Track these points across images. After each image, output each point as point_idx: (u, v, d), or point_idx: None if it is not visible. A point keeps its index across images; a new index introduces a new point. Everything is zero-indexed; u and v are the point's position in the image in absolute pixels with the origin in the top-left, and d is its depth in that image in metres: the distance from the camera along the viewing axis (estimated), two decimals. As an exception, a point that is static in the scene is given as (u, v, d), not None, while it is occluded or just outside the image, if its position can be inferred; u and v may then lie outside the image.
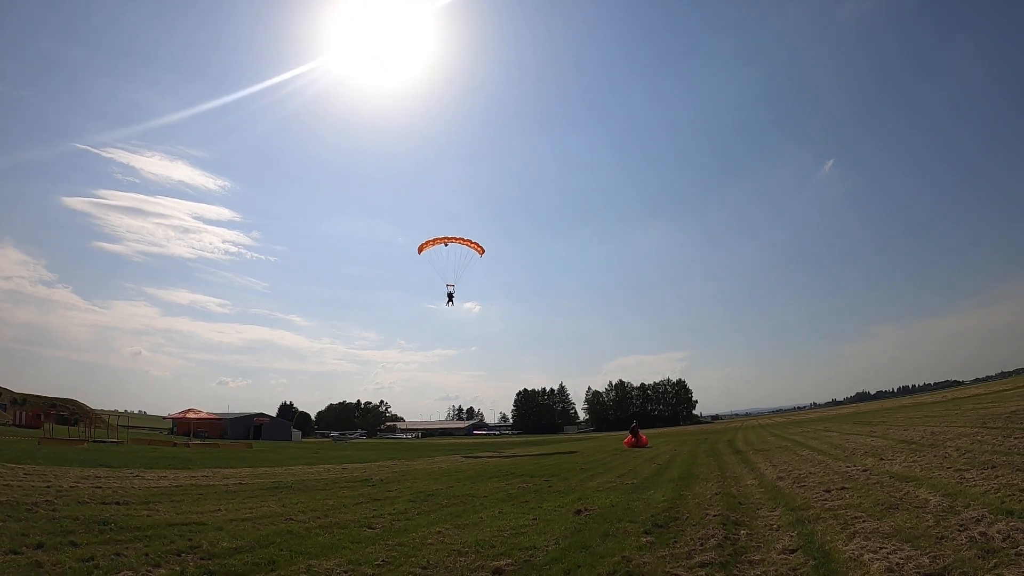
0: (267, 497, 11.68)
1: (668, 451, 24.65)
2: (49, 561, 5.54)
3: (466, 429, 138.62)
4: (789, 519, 7.11)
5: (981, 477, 8.29)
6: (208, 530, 7.63)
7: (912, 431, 18.98)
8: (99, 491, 11.05)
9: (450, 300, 31.84)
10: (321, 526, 8.28)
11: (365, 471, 19.73)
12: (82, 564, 5.56)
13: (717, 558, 5.40)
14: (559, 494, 11.72)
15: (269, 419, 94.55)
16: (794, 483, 10.40)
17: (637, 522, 7.72)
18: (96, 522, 7.65)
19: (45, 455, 18.98)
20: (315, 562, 6.04)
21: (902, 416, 31.37)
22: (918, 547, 5.25)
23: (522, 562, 5.86)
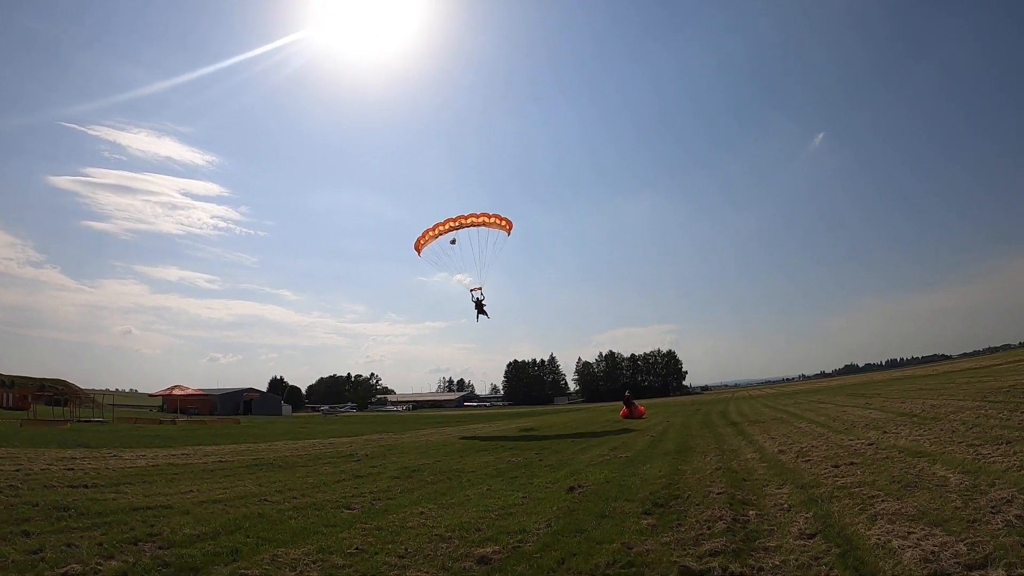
0: (244, 476, 11.26)
1: (660, 422, 24.58)
2: None
3: (457, 401, 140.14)
4: (800, 498, 6.68)
5: (999, 453, 7.94)
6: (173, 514, 7.19)
7: (910, 404, 18.92)
8: (69, 473, 10.58)
9: (481, 311, 24.69)
10: (295, 508, 7.81)
11: (351, 445, 19.37)
12: (29, 557, 5.16)
13: (728, 545, 4.90)
14: (550, 469, 11.34)
15: (259, 394, 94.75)
16: (797, 457, 10.05)
17: (635, 501, 7.27)
18: (55, 508, 7.23)
19: (24, 437, 18.44)
20: (281, 551, 5.52)
21: (895, 389, 31.65)
22: (950, 532, 4.80)
23: (510, 548, 5.35)
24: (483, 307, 24.85)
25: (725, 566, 4.35)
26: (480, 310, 24.85)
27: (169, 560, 5.17)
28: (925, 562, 4.16)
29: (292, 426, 37.54)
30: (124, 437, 21.18)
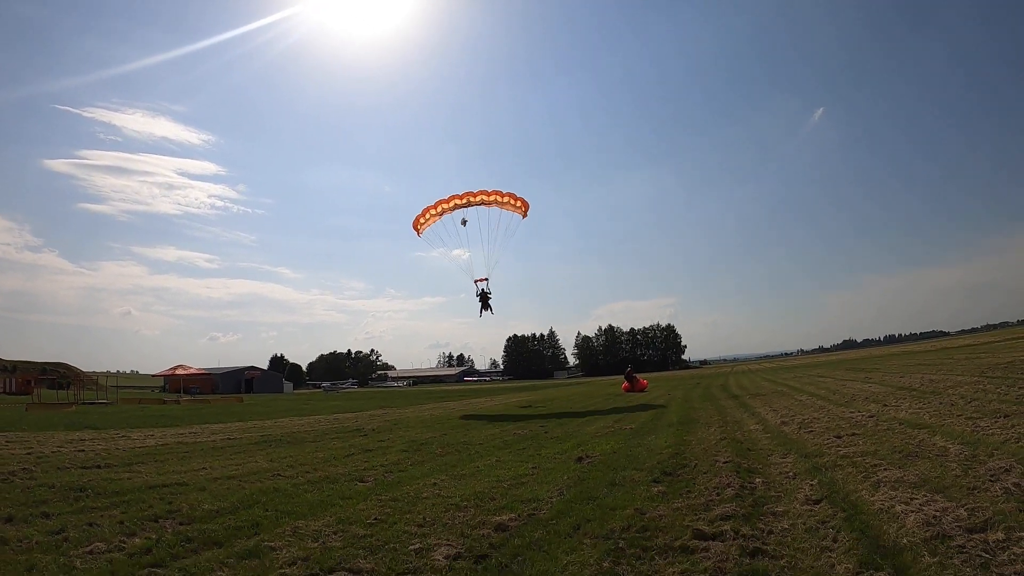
0: (255, 452, 11.47)
1: (662, 396, 25.04)
2: (15, 536, 5.18)
3: (457, 376, 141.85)
4: (805, 466, 6.93)
5: (997, 426, 8.18)
6: (190, 491, 7.34)
7: (909, 378, 19.27)
8: (81, 454, 10.74)
9: (485, 305, 22.21)
10: (309, 482, 8.00)
11: (356, 421, 19.70)
12: (51, 537, 5.22)
13: (738, 510, 5.13)
14: (556, 440, 11.63)
15: (260, 372, 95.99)
16: (800, 428, 10.34)
17: (643, 470, 7.53)
18: (72, 489, 7.34)
19: (31, 421, 18.64)
20: (302, 523, 5.69)
21: (894, 364, 32.11)
22: (951, 499, 5.02)
23: (526, 516, 5.57)
24: (488, 301, 22.10)
25: (736, 529, 4.57)
26: (485, 304, 22.14)
27: (192, 535, 5.30)
28: (927, 526, 4.38)
29: (295, 403, 38.04)
30: (130, 418, 21.51)
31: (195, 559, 4.68)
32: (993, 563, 3.63)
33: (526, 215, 21.85)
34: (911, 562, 3.72)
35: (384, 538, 5.10)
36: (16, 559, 4.61)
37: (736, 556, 3.98)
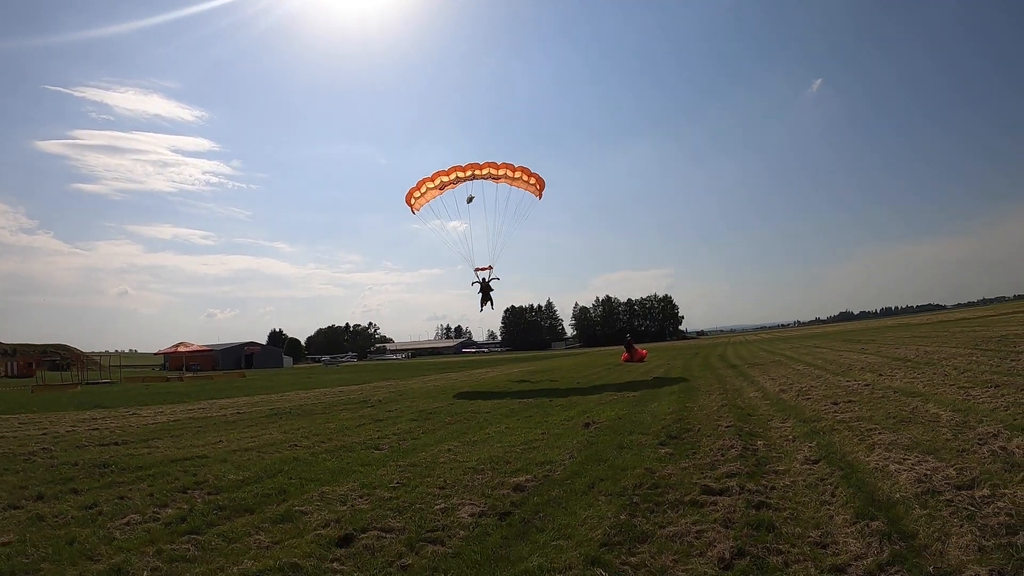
0: (267, 425, 11.75)
1: (661, 365, 25.61)
2: (50, 513, 5.37)
3: (455, 348, 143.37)
4: (803, 430, 7.32)
5: (987, 395, 8.53)
6: (212, 463, 7.57)
7: (905, 350, 19.76)
8: (96, 433, 10.98)
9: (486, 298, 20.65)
10: (327, 451, 8.26)
11: (361, 392, 20.10)
12: (85, 512, 5.39)
13: (743, 468, 5.51)
14: (562, 408, 12.05)
15: (260, 347, 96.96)
16: (798, 396, 10.76)
17: (649, 434, 7.93)
18: (96, 466, 7.54)
19: (39, 402, 18.93)
20: (327, 488, 5.94)
21: (890, 336, 32.70)
22: (941, 459, 5.38)
23: (541, 477, 5.93)
24: (490, 293, 20.23)
25: (742, 485, 4.94)
26: (486, 297, 20.28)
27: (222, 504, 5.49)
28: (919, 483, 4.74)
29: (298, 377, 38.55)
30: (136, 396, 21.87)
31: (230, 525, 4.90)
32: (978, 515, 3.98)
33: (542, 195, 19.39)
34: (903, 514, 4.07)
35: (408, 500, 5.39)
36: (55, 534, 4.76)
37: (743, 508, 4.35)
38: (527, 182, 19.06)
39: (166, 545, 4.41)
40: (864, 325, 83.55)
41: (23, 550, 4.37)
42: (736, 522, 4.05)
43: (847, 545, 3.63)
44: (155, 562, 4.08)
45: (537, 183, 19.32)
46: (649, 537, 3.92)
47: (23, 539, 4.61)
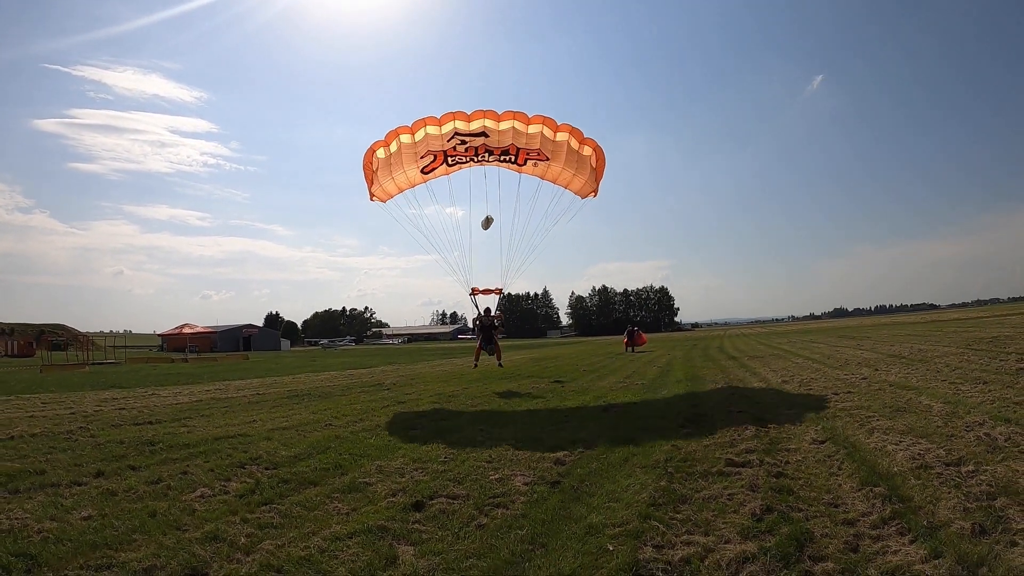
0: (292, 406, 12.09)
1: (662, 355, 26.51)
2: (119, 488, 5.50)
3: (451, 334, 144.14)
4: (809, 416, 8.10)
5: (976, 391, 9.33)
6: (256, 441, 7.83)
7: (899, 347, 20.70)
8: (124, 412, 11.22)
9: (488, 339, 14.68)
10: (364, 429, 8.66)
11: (372, 376, 20.71)
12: (153, 487, 5.54)
13: (759, 446, 6.29)
14: (576, 393, 12.80)
15: (258, 330, 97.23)
16: (800, 386, 11.59)
17: (667, 418, 8.70)
18: (143, 443, 7.74)
19: (53, 383, 19.15)
20: (381, 463, 6.34)
21: (885, 334, 33.76)
22: (933, 442, 6.18)
23: (577, 453, 6.61)
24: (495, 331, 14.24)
25: (761, 459, 5.71)
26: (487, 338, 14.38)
27: (285, 477, 5.76)
28: (913, 460, 5.52)
29: (301, 360, 39.04)
30: (147, 377, 22.28)
31: (302, 496, 5.16)
32: (964, 485, 4.75)
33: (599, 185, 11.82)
34: (900, 483, 4.84)
35: (462, 472, 5.91)
36: (133, 507, 4.88)
37: (764, 477, 5.12)
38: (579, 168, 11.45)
39: (249, 514, 4.67)
40: (859, 322, 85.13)
41: (109, 523, 4.48)
42: (761, 487, 4.81)
43: (855, 505, 4.40)
44: (246, 529, 4.32)
45: (595, 161, 11.36)
46: (688, 499, 4.67)
47: (103, 513, 4.75)
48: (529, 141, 11.09)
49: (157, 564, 3.70)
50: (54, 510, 4.83)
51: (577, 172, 11.56)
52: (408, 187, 12.12)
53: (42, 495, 5.29)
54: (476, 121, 10.99)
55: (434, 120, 11.14)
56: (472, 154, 11.50)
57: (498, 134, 11.05)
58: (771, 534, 3.80)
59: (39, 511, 4.79)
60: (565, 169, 11.57)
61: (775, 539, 3.69)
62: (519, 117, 10.96)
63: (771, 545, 3.58)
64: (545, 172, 11.91)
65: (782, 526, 3.90)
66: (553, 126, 11.08)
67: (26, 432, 8.66)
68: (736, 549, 3.53)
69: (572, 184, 11.90)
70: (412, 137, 11.24)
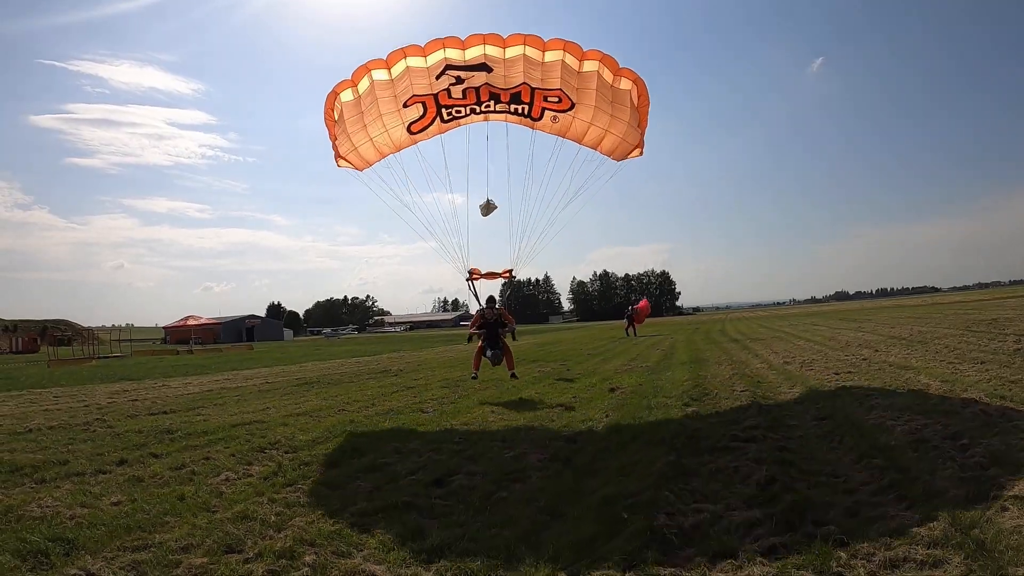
0: (303, 393, 12.29)
1: (665, 339, 26.80)
2: (145, 475, 5.62)
3: (453, 321, 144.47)
4: (810, 395, 8.36)
5: (973, 370, 9.54)
6: (272, 427, 7.94)
7: (899, 329, 20.94)
8: (138, 403, 11.38)
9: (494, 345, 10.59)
10: (376, 414, 8.86)
11: (379, 363, 21.00)
12: (177, 473, 5.66)
13: (762, 423, 6.54)
14: (583, 376, 13.08)
15: (260, 320, 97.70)
16: (801, 367, 11.85)
17: (672, 397, 8.96)
18: (161, 432, 7.83)
19: (62, 377, 19.28)
20: (398, 444, 6.57)
21: (886, 316, 34.00)
22: (931, 418, 6.40)
23: (586, 431, 6.89)
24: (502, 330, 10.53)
25: (764, 435, 5.96)
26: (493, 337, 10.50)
27: (306, 460, 5.90)
28: (911, 434, 5.75)
29: (305, 349, 39.31)
30: (155, 368, 22.50)
31: (325, 477, 5.31)
32: (959, 457, 4.98)
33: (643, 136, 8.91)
34: (898, 455, 5.07)
35: (478, 451, 6.15)
36: (161, 492, 4.99)
37: (769, 450, 5.37)
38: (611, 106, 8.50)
39: (275, 495, 4.81)
40: (860, 305, 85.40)
41: (139, 507, 4.56)
42: (765, 460, 5.04)
43: (855, 476, 4.64)
44: (275, 508, 4.46)
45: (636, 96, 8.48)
46: (697, 472, 4.92)
47: (132, 498, 4.83)
48: (546, 76, 8.26)
49: (192, 543, 3.80)
50: (83, 497, 4.93)
51: (613, 118, 8.58)
52: (392, 151, 9.15)
53: (69, 484, 5.39)
54: (474, 48, 8.14)
55: (417, 49, 8.18)
56: (473, 101, 8.55)
57: (504, 66, 8.22)
58: (775, 502, 4.04)
59: (68, 498, 4.88)
60: (597, 116, 8.64)
61: (779, 506, 3.93)
62: (532, 41, 8.11)
63: (776, 511, 3.83)
64: (568, 127, 8.94)
65: (785, 495, 4.14)
66: (578, 52, 8.20)
67: (43, 425, 8.80)
68: (743, 516, 3.78)
69: (606, 140, 8.90)
70: (388, 73, 8.33)
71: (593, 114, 8.64)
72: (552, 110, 8.65)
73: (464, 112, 8.80)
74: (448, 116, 8.82)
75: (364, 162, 9.33)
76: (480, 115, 8.91)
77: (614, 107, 8.53)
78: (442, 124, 8.97)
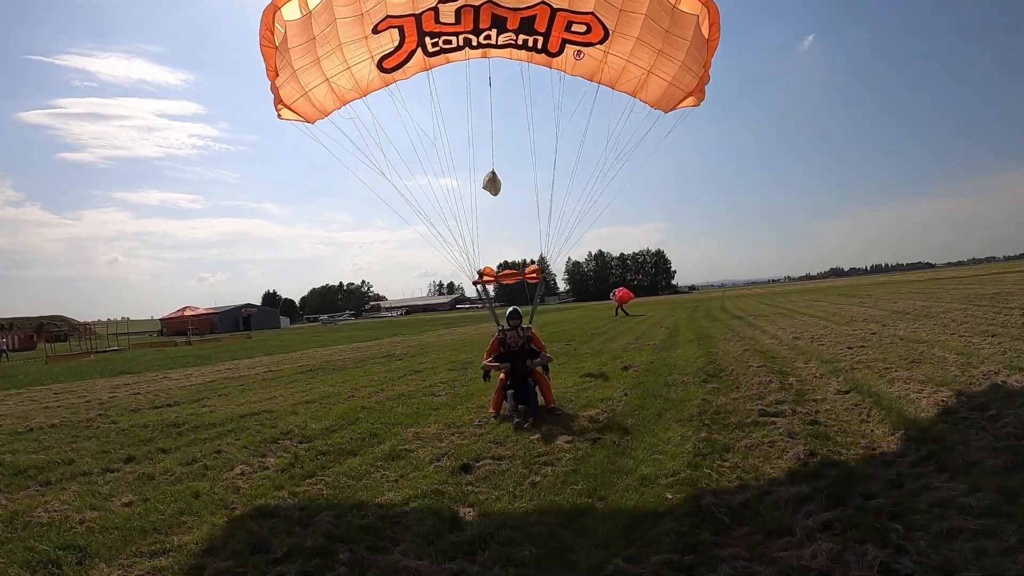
0: (309, 380, 12.11)
1: (666, 317, 26.87)
2: (156, 472, 5.41)
3: (449, 304, 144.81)
4: (827, 369, 8.37)
5: (986, 343, 9.56)
6: (283, 416, 7.78)
7: (902, 304, 21.08)
8: (140, 397, 11.17)
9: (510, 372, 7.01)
10: (388, 399, 8.70)
11: (380, 348, 20.90)
12: (189, 468, 5.46)
13: (787, 398, 6.53)
14: (591, 355, 13.05)
15: (256, 309, 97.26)
16: (812, 342, 11.87)
17: (688, 374, 8.95)
18: (167, 425, 7.63)
19: (60, 373, 19.03)
20: (416, 430, 6.39)
21: (885, 292, 34.22)
22: (953, 390, 6.42)
23: (609, 409, 6.85)
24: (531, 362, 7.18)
25: (792, 409, 5.96)
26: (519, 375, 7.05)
27: (322, 450, 5.68)
28: (938, 406, 5.76)
29: (304, 336, 39.10)
30: (155, 361, 22.27)
31: (345, 467, 5.09)
32: (990, 428, 4.98)
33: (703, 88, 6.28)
34: (929, 427, 5.07)
35: (500, 434, 5.94)
36: (175, 489, 4.77)
37: (800, 424, 5.36)
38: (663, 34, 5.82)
39: (295, 488, 4.57)
40: (856, 281, 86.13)
41: (153, 507, 4.34)
42: (798, 435, 5.03)
43: (890, 448, 4.63)
44: (298, 502, 4.24)
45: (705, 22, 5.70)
46: (732, 448, 4.89)
47: (144, 498, 4.61)
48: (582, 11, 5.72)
49: (215, 544, 3.59)
50: (92, 499, 4.71)
51: (662, 54, 5.98)
52: (358, 97, 6.68)
53: (75, 485, 5.19)
54: None
55: None
56: (469, 27, 6.08)
57: None
58: (819, 476, 4.01)
59: (76, 501, 4.67)
60: (639, 52, 6.05)
61: (825, 481, 3.90)
62: None
63: (823, 486, 3.80)
64: (597, 67, 6.42)
65: (828, 469, 4.12)
66: None
67: (44, 423, 8.61)
68: (790, 491, 3.75)
69: (650, 84, 6.30)
70: None
71: (634, 48, 5.97)
72: (576, 43, 6.11)
73: (456, 43, 6.26)
74: (434, 47, 6.29)
75: (318, 112, 6.81)
76: (478, 50, 6.39)
77: (668, 39, 5.81)
78: (426, 58, 6.41)
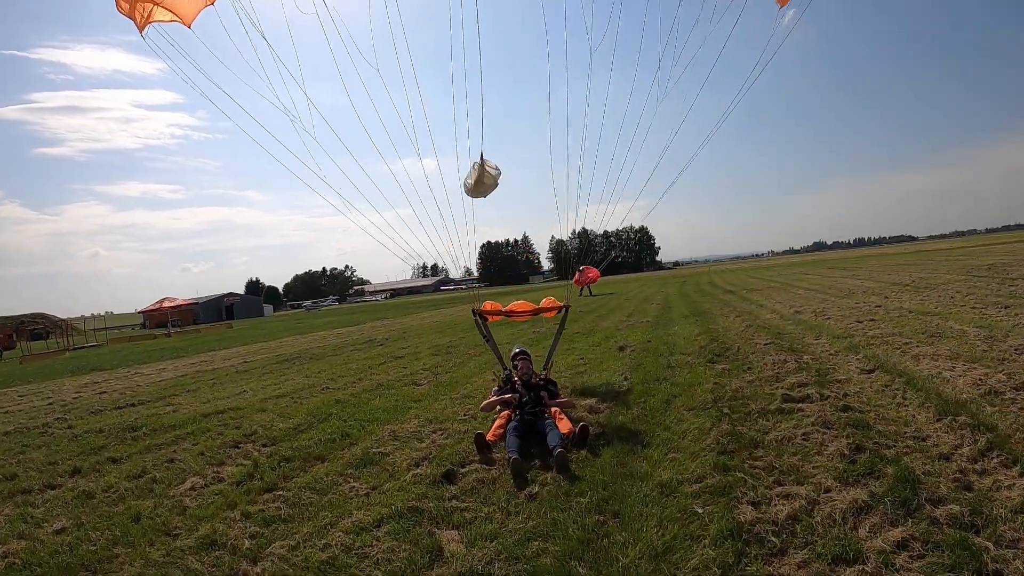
0: (283, 371, 11.50)
1: (656, 293, 26.41)
2: (98, 488, 4.83)
3: (433, 286, 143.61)
4: (841, 346, 7.81)
5: (1002, 315, 9.10)
6: (249, 414, 7.23)
7: (897, 276, 20.84)
8: (106, 396, 10.47)
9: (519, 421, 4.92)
10: (365, 390, 8.07)
11: (362, 333, 20.13)
12: (136, 482, 4.89)
13: (808, 380, 5.92)
14: (582, 335, 12.40)
15: (239, 298, 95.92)
16: (816, 316, 11.36)
17: (690, 354, 8.34)
18: (124, 429, 7.06)
19: (32, 373, 18.16)
20: (394, 427, 5.76)
21: (875, 264, 34.24)
22: (987, 367, 5.89)
23: (612, 394, 6.23)
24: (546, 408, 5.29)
25: (819, 393, 5.34)
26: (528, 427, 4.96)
27: (287, 455, 5.11)
28: (977, 386, 5.21)
29: (286, 323, 38.14)
30: (130, 355, 21.29)
31: (309, 476, 4.50)
32: (1044, 410, 4.46)
33: None
34: (977, 411, 4.51)
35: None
36: (114, 511, 4.28)
37: (832, 411, 4.73)
38: None
39: (250, 507, 4.01)
40: (841, 255, 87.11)
41: (85, 535, 3.84)
42: (834, 424, 4.42)
43: (941, 437, 4.04)
44: (249, 527, 3.65)
45: None
46: (760, 443, 4.24)
47: (79, 523, 4.10)
48: None
49: None
50: (23, 524, 4.22)
51: None
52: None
53: (10, 506, 4.68)
54: None
55: None
56: None
57: None
58: (874, 477, 3.40)
59: (5, 528, 4.20)
60: None
61: (883, 484, 3.28)
62: None
63: (882, 491, 3.17)
64: None
65: (883, 467, 3.50)
66: None
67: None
68: (846, 499, 3.11)
69: None
70: None
71: None
72: None
73: None
74: None
75: None
76: None
77: None
78: None
